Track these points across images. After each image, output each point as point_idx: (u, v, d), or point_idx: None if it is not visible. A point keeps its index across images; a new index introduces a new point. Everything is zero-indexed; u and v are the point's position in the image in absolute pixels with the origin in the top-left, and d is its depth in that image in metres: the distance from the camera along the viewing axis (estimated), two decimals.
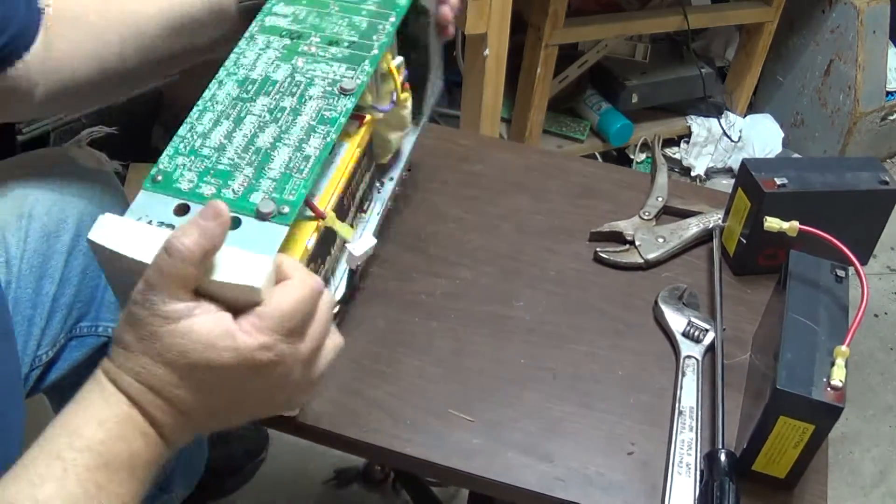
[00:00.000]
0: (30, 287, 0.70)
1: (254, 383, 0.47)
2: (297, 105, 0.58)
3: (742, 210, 0.75)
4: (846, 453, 1.42)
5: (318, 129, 0.57)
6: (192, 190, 0.53)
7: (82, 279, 0.74)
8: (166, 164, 0.55)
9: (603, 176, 0.90)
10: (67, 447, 0.44)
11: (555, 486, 0.60)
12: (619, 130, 1.88)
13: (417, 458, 0.61)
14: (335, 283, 0.64)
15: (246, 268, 0.46)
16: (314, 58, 0.61)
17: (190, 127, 0.57)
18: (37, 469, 0.43)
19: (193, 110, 0.58)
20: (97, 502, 0.43)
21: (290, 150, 0.55)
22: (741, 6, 1.88)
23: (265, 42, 0.63)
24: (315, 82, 0.60)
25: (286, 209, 0.52)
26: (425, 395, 0.65)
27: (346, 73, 0.60)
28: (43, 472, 0.43)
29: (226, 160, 0.55)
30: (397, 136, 0.72)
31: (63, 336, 0.74)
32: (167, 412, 0.46)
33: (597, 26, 1.73)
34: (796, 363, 0.56)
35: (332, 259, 0.62)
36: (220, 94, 0.59)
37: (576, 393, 0.67)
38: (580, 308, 0.74)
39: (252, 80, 0.60)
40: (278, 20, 0.64)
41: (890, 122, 2.02)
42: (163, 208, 0.52)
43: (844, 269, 0.65)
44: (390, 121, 0.69)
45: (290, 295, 0.46)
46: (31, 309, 0.71)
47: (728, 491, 0.56)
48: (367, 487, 1.30)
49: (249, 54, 0.62)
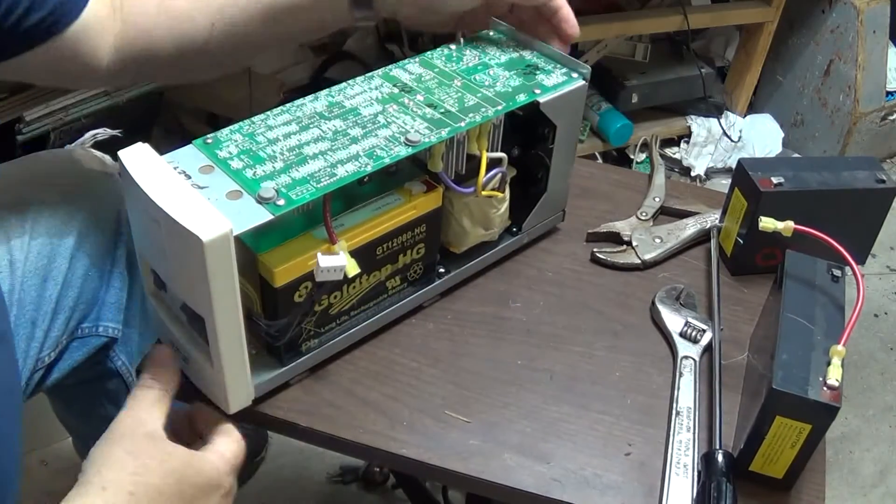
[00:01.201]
0: (33, 290, 0.71)
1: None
2: (360, 136, 0.60)
3: (739, 210, 0.75)
4: (846, 453, 1.41)
5: (361, 159, 0.58)
6: (225, 159, 0.58)
7: (85, 280, 0.75)
8: (224, 134, 0.60)
9: (601, 176, 0.90)
10: None
11: (552, 487, 0.60)
12: (619, 130, 1.88)
13: (414, 460, 0.61)
14: None
15: (205, 221, 0.50)
16: (406, 109, 0.63)
17: (265, 117, 0.62)
18: None
19: (280, 107, 0.63)
20: None
21: (323, 164, 0.58)
22: (741, 6, 1.88)
23: (377, 84, 0.67)
24: (390, 127, 0.61)
25: (281, 202, 0.54)
26: (421, 397, 0.65)
27: (420, 130, 0.61)
28: None
29: (268, 150, 0.59)
30: (477, 233, 0.71)
31: (65, 337, 0.74)
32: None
33: (597, 26, 1.73)
34: (792, 363, 0.56)
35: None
36: (307, 105, 0.63)
37: (573, 394, 0.67)
38: (577, 309, 0.74)
39: (341, 106, 0.64)
40: (402, 74, 0.68)
41: (890, 122, 2.01)
42: (194, 163, 0.57)
43: (841, 268, 0.65)
44: (473, 211, 0.69)
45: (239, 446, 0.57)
46: (34, 311, 0.71)
47: (725, 491, 0.56)
48: (366, 489, 1.30)
49: (357, 88, 0.66)
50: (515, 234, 0.76)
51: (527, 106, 0.67)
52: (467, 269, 0.73)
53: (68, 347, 0.76)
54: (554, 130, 0.70)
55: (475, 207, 0.69)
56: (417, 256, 0.67)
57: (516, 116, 0.69)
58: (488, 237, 0.73)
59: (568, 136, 0.72)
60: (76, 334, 0.76)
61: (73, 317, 0.74)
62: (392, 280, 0.67)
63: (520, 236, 0.77)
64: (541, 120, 0.69)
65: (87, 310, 0.76)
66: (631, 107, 1.90)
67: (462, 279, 0.74)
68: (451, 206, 0.68)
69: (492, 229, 0.72)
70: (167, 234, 0.52)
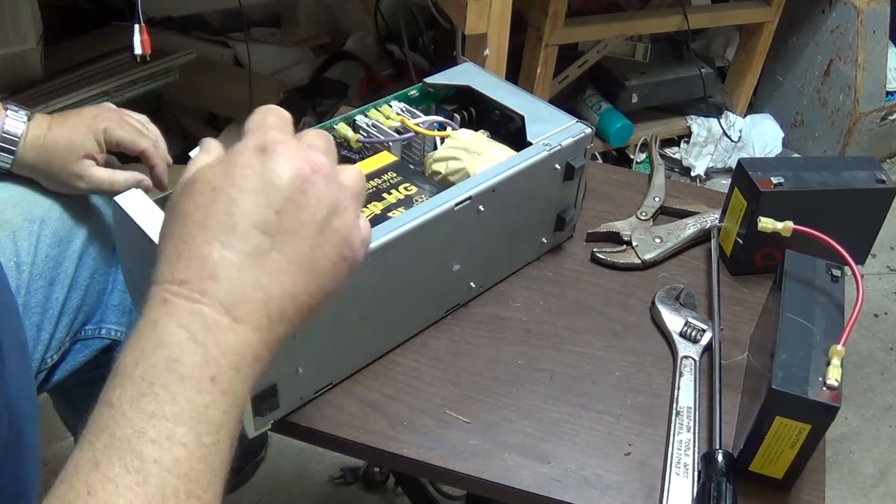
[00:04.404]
0: (40, 292, 0.71)
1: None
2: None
3: (739, 210, 0.75)
4: (846, 453, 1.41)
5: None
6: None
7: (90, 283, 0.75)
8: None
9: (600, 176, 0.90)
10: None
11: (552, 487, 0.60)
12: (619, 130, 1.88)
13: (414, 460, 0.61)
14: None
15: None
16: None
17: None
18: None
19: None
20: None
21: None
22: (741, 6, 1.88)
23: None
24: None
25: None
26: (422, 397, 0.65)
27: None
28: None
29: None
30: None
31: (69, 339, 0.74)
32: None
33: (597, 26, 1.74)
34: (792, 363, 0.56)
35: None
36: None
37: (573, 394, 0.67)
38: (577, 309, 0.74)
39: None
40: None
41: (890, 122, 2.01)
42: None
43: (840, 268, 0.65)
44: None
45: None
46: (40, 314, 0.71)
47: (725, 491, 0.56)
48: (366, 489, 1.30)
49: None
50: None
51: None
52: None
53: (71, 349, 0.76)
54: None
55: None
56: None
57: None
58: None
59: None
60: (79, 336, 0.76)
61: (78, 319, 0.75)
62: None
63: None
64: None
65: (91, 312, 0.76)
66: (631, 107, 1.90)
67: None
68: None
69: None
70: None
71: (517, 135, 0.73)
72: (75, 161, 0.70)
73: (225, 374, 0.38)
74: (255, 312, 0.40)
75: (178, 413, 0.36)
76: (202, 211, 0.41)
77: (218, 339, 0.38)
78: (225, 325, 0.39)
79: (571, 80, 1.89)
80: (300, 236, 0.41)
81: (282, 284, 0.41)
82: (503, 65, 1.44)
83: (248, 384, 0.40)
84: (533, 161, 0.68)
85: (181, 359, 0.37)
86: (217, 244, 0.40)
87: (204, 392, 0.37)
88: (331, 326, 0.60)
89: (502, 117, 0.76)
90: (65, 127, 0.71)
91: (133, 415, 0.36)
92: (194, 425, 0.36)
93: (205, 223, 0.40)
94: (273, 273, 0.40)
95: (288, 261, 0.41)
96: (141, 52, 1.06)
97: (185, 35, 1.91)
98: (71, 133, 0.70)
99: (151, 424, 0.36)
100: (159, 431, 0.36)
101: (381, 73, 2.09)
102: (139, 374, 0.37)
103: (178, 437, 0.36)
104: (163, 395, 0.36)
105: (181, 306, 0.38)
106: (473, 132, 0.73)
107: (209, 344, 0.38)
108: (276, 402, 0.59)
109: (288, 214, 0.41)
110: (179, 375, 0.37)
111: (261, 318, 0.40)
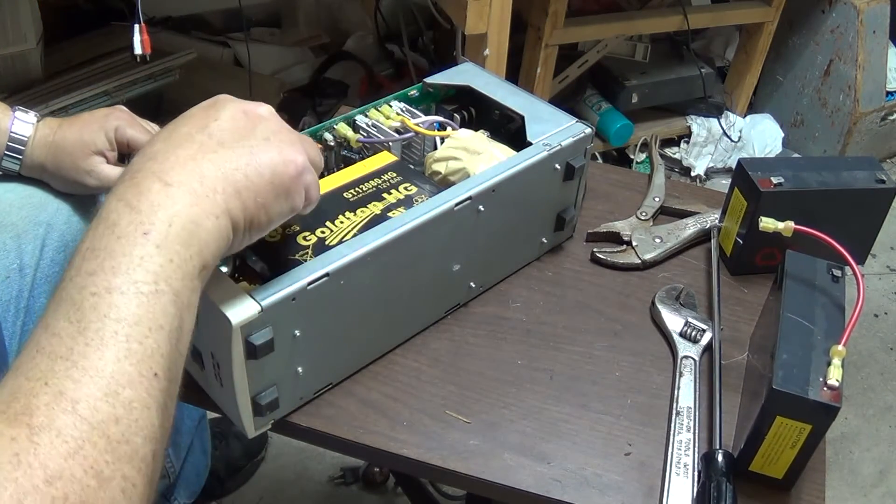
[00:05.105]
0: (44, 297, 0.70)
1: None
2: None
3: (739, 210, 0.75)
4: (846, 453, 1.41)
5: None
6: None
7: None
8: None
9: (600, 176, 0.90)
10: None
11: (552, 487, 0.60)
12: (619, 130, 1.88)
13: (414, 460, 0.61)
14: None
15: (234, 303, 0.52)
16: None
17: None
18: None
19: None
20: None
21: None
22: (741, 6, 1.88)
23: None
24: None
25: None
26: (421, 397, 0.65)
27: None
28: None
29: None
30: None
31: None
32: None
33: (597, 26, 1.74)
34: (793, 363, 0.56)
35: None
36: None
37: (573, 394, 0.67)
38: (577, 309, 0.74)
39: None
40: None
41: (890, 122, 2.01)
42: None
43: (841, 268, 0.64)
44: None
45: None
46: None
47: (725, 491, 0.56)
48: (366, 489, 1.30)
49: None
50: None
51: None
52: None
53: None
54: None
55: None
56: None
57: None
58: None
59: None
60: None
61: None
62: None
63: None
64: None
65: None
66: (631, 107, 1.90)
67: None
68: None
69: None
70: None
71: (517, 135, 0.73)
72: (85, 157, 0.70)
73: (158, 229, 0.42)
74: (188, 177, 0.44)
75: (114, 267, 0.40)
76: (155, 137, 0.48)
77: (150, 200, 0.43)
78: (157, 188, 0.43)
79: (571, 80, 1.89)
80: (238, 134, 0.48)
81: (214, 161, 0.46)
82: (503, 65, 1.45)
83: (189, 248, 0.43)
84: (533, 161, 0.68)
85: (118, 222, 0.42)
86: (160, 143, 0.47)
87: (137, 245, 0.41)
88: (331, 326, 0.60)
89: (502, 117, 0.76)
90: (75, 125, 0.71)
91: (77, 277, 0.40)
92: (130, 275, 0.40)
93: (153, 139, 0.47)
94: (207, 152, 0.46)
95: (224, 149, 0.47)
96: (141, 52, 1.06)
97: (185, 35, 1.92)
98: (81, 130, 0.70)
99: (91, 280, 0.39)
100: (98, 284, 0.39)
101: (381, 73, 2.09)
102: (85, 246, 0.41)
103: (116, 286, 0.39)
104: (102, 255, 0.40)
105: (123, 188, 0.44)
106: (473, 132, 0.73)
107: (142, 206, 0.42)
108: (276, 402, 0.59)
109: (228, 124, 0.48)
110: (116, 236, 0.41)
111: (192, 182, 0.44)
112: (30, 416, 0.35)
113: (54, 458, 0.34)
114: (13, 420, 0.34)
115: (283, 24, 2.14)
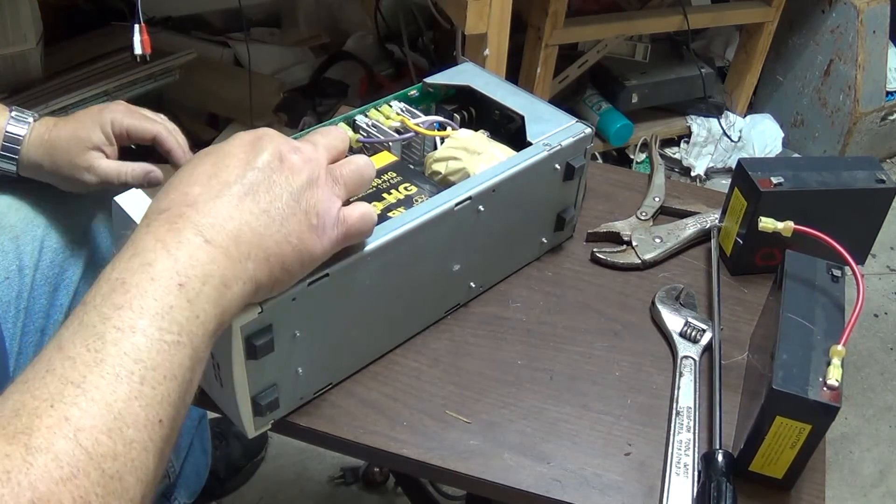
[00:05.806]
0: (44, 298, 0.70)
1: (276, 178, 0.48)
2: None
3: (739, 210, 0.75)
4: (846, 453, 1.41)
5: None
6: None
7: None
8: None
9: (601, 176, 0.90)
10: None
11: (552, 487, 0.60)
12: (619, 130, 1.88)
13: (414, 460, 0.61)
14: None
15: None
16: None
17: None
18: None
19: None
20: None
21: None
22: (741, 6, 1.88)
23: None
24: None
25: None
26: (421, 397, 0.65)
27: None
28: None
29: None
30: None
31: None
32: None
33: (597, 26, 1.74)
34: (792, 363, 0.56)
35: None
36: None
37: (573, 394, 0.67)
38: (577, 309, 0.74)
39: None
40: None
41: (890, 122, 2.01)
42: None
43: (841, 268, 0.64)
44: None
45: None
46: (43, 320, 0.71)
47: (725, 491, 0.56)
48: (366, 489, 1.30)
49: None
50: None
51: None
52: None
53: None
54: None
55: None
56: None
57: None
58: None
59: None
60: None
61: None
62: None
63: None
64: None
65: None
66: (631, 107, 1.90)
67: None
68: None
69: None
70: None
71: (517, 135, 0.73)
72: (81, 153, 0.69)
73: (192, 284, 0.42)
74: (226, 239, 0.44)
75: (143, 307, 0.40)
76: (191, 168, 0.47)
77: (189, 252, 0.43)
78: (197, 243, 0.43)
79: (571, 80, 1.90)
80: (273, 193, 0.47)
81: (250, 224, 0.46)
82: (503, 65, 1.45)
83: (216, 308, 0.43)
84: (533, 161, 0.68)
85: (154, 263, 0.42)
86: (199, 186, 0.46)
87: (171, 294, 0.41)
88: (331, 326, 0.60)
89: (502, 117, 0.76)
90: (70, 123, 0.70)
91: (102, 306, 0.40)
92: (157, 321, 0.40)
93: (192, 174, 0.47)
94: (244, 213, 0.46)
95: (259, 210, 0.46)
96: (141, 52, 1.06)
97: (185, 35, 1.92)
98: (76, 127, 0.70)
99: (118, 314, 0.39)
100: (123, 320, 0.39)
101: (381, 73, 2.09)
102: (115, 276, 0.41)
103: (140, 328, 0.39)
104: (132, 292, 0.40)
105: (160, 226, 0.44)
106: (473, 132, 0.73)
107: (181, 256, 0.42)
108: (276, 402, 0.59)
109: (265, 175, 0.47)
110: (150, 276, 0.41)
111: (230, 245, 0.44)
112: (29, 436, 0.35)
113: (45, 482, 0.34)
114: (12, 437, 0.34)
115: (283, 24, 2.14)
